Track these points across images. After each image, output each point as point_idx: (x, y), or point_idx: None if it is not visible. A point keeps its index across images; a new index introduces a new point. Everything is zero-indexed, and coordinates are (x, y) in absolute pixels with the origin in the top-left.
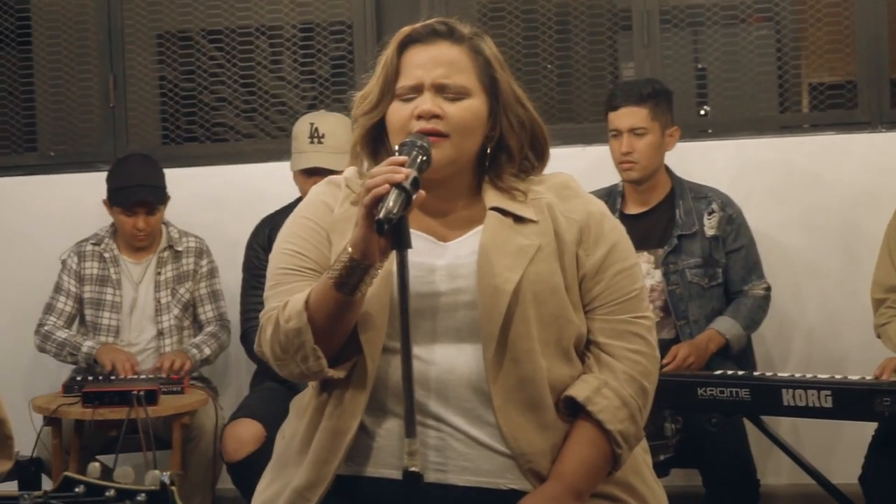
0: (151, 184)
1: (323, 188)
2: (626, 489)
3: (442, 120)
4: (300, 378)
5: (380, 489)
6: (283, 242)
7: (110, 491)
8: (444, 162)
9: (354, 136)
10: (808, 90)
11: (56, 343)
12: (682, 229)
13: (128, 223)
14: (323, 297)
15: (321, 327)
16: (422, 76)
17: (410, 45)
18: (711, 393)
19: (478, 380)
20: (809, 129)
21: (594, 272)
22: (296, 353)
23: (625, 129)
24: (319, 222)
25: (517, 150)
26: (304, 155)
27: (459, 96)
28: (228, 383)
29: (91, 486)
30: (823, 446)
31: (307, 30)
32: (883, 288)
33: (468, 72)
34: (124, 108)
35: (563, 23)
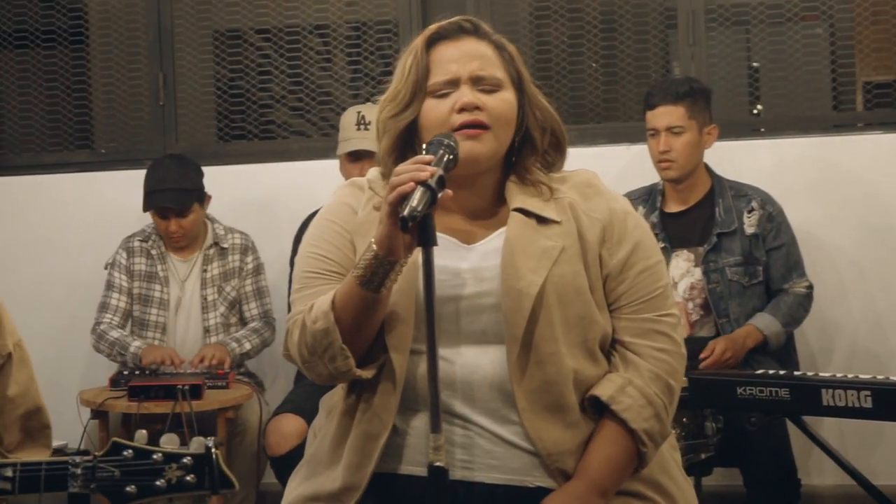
0: (179, 187)
1: (346, 190)
2: (654, 487)
3: (483, 111)
4: (328, 380)
5: (409, 486)
6: (307, 246)
7: (157, 455)
8: (487, 155)
9: (383, 142)
10: (867, 88)
11: (108, 342)
12: (721, 227)
13: (161, 225)
14: (349, 295)
15: (348, 326)
16: (457, 70)
17: (438, 43)
18: (751, 392)
19: (502, 381)
20: (863, 128)
21: (618, 272)
22: (324, 354)
23: (662, 128)
24: (343, 225)
25: (539, 144)
26: (350, 141)
27: (494, 88)
28: (276, 379)
29: (139, 450)
30: (866, 447)
31: (355, 28)
32: None
33: (498, 65)
34: (174, 106)
35: (608, 21)
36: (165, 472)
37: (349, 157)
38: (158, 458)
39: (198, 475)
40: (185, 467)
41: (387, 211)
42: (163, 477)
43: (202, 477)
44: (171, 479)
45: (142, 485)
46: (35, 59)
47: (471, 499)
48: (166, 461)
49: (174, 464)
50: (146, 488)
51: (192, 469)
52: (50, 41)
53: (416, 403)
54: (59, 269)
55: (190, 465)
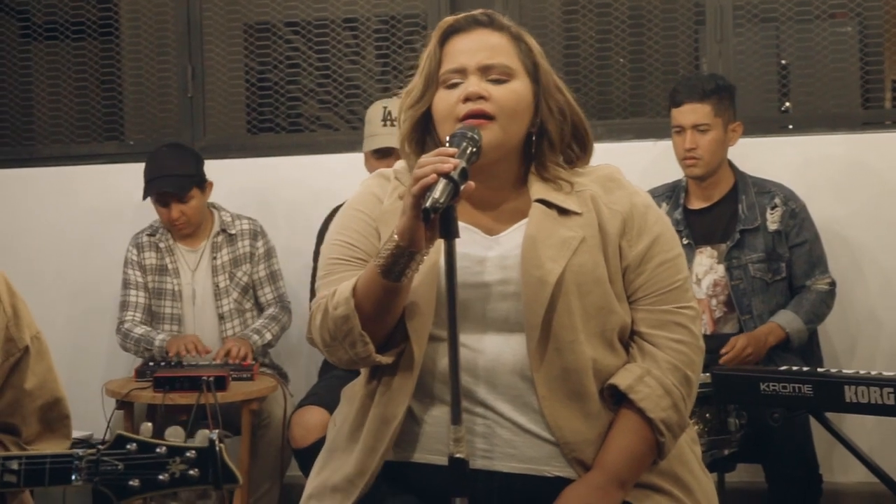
0: (174, 173)
1: (373, 181)
2: (672, 479)
3: (488, 101)
4: (349, 364)
5: (427, 475)
6: (334, 234)
7: (161, 448)
8: (492, 145)
9: (402, 130)
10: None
11: (134, 340)
12: (744, 224)
13: (163, 213)
14: (370, 283)
15: (368, 313)
16: (465, 60)
17: (452, 36)
18: (774, 388)
19: (524, 368)
20: (891, 126)
21: (637, 263)
22: (344, 339)
23: (688, 126)
24: (369, 213)
25: (557, 138)
26: (376, 137)
27: (504, 78)
28: (296, 369)
29: (143, 443)
30: (890, 444)
31: (384, 21)
32: None
33: (511, 55)
34: (202, 99)
35: (636, 17)
36: (169, 465)
37: (374, 154)
38: (162, 452)
39: (201, 469)
40: (188, 461)
41: (409, 203)
42: (166, 471)
43: (206, 471)
44: (175, 473)
45: (145, 479)
46: (65, 50)
47: (490, 488)
48: (170, 455)
49: (178, 457)
50: (149, 482)
51: (195, 463)
52: (80, 33)
53: (435, 391)
54: (85, 261)
55: (193, 458)
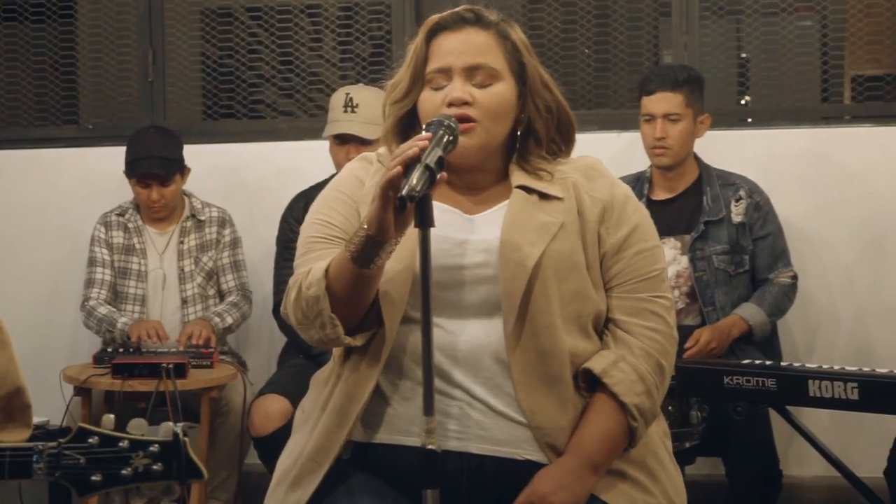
0: (162, 156)
1: (356, 164)
2: (640, 467)
3: (472, 106)
4: (320, 343)
5: (395, 457)
6: (314, 213)
7: (124, 442)
8: (475, 148)
9: (386, 124)
10: (855, 81)
11: (96, 319)
12: (709, 216)
13: (143, 194)
14: (341, 268)
15: (339, 296)
16: (451, 61)
17: (439, 33)
18: (737, 382)
19: (500, 351)
20: (850, 121)
21: (615, 251)
22: (315, 320)
23: (659, 115)
24: (350, 194)
25: (544, 135)
26: (337, 123)
27: (489, 81)
28: (255, 358)
29: (105, 436)
30: (846, 439)
31: (346, 9)
32: None
33: (497, 55)
34: (163, 83)
35: (601, 8)
36: (132, 460)
37: (336, 140)
38: (125, 446)
39: (165, 464)
40: (151, 455)
41: (378, 193)
42: (129, 465)
43: (169, 465)
44: (138, 468)
45: (107, 473)
46: (23, 32)
47: (460, 469)
48: (133, 449)
49: (141, 451)
50: (111, 477)
51: (159, 457)
52: (38, 14)
53: (406, 371)
54: (44, 244)
55: (157, 452)
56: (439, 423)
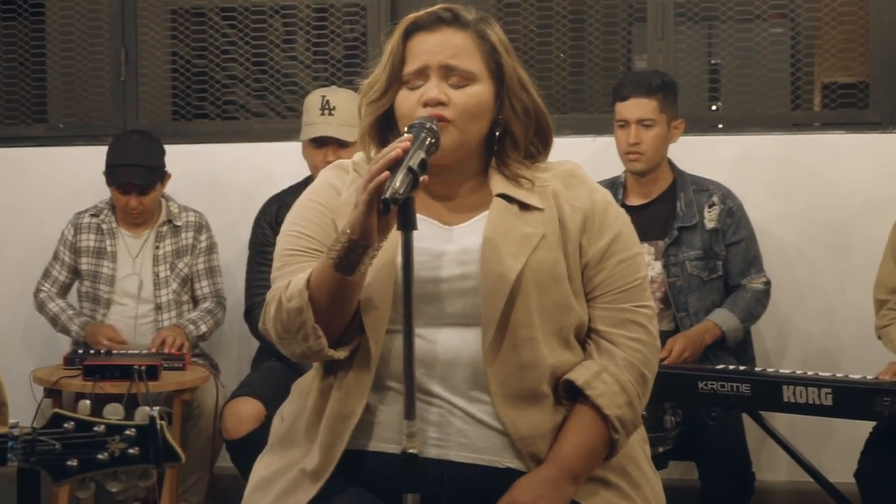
0: (145, 164)
1: (331, 172)
2: (621, 474)
3: (447, 107)
4: (302, 358)
5: (380, 464)
6: (290, 224)
7: (99, 426)
8: (450, 147)
9: (363, 124)
10: (821, 89)
11: (49, 315)
12: (682, 221)
13: (121, 201)
14: (323, 277)
15: (322, 306)
16: (427, 60)
17: (415, 33)
18: (712, 387)
19: (479, 363)
20: (820, 128)
21: (597, 261)
22: (297, 332)
23: (633, 120)
24: (325, 204)
25: (522, 136)
26: (314, 126)
27: (465, 82)
28: (228, 361)
29: (80, 422)
30: (816, 444)
31: (321, 10)
32: (886, 289)
33: (473, 56)
34: (135, 83)
35: (577, 12)
36: (108, 444)
37: (312, 143)
38: (100, 430)
39: (142, 447)
40: (128, 439)
41: (363, 197)
42: (105, 450)
43: (146, 449)
44: (114, 452)
45: (83, 458)
46: None
47: (441, 477)
48: (109, 433)
49: (117, 436)
50: (88, 462)
51: (135, 441)
52: (9, 13)
53: (389, 381)
54: (14, 244)
55: (133, 437)
56: (419, 431)
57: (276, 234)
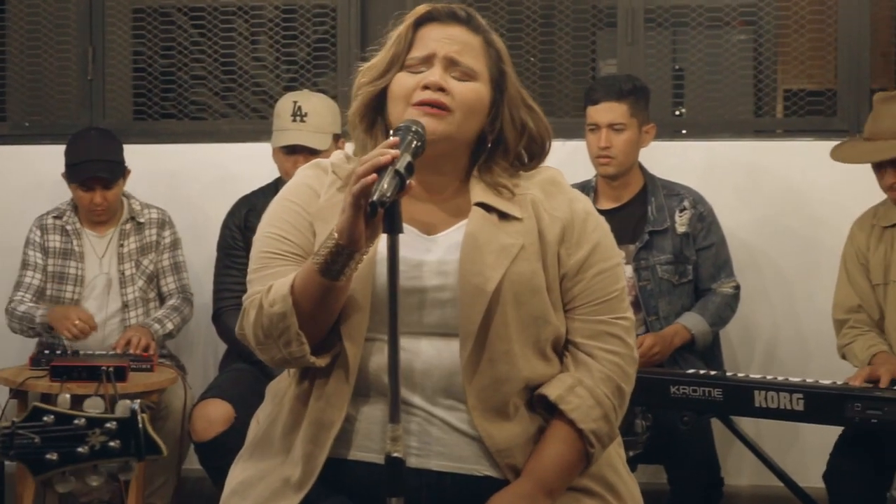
0: (106, 158)
1: (309, 171)
2: (601, 482)
3: (447, 94)
4: (281, 364)
5: (360, 473)
6: (267, 226)
7: (80, 420)
8: (442, 136)
9: (354, 105)
10: (788, 96)
11: (17, 318)
12: (653, 226)
13: (85, 198)
14: (308, 282)
15: (306, 312)
16: (436, 48)
17: (427, 23)
18: (684, 391)
19: (456, 373)
20: (787, 135)
21: (575, 272)
22: (279, 338)
23: (604, 124)
24: (305, 207)
25: (513, 146)
26: (285, 132)
27: (466, 78)
28: (194, 362)
29: (60, 415)
30: (782, 448)
31: (289, 10)
32: (843, 309)
33: (479, 58)
34: (102, 82)
35: (547, 17)
36: (88, 437)
37: (283, 150)
38: (81, 424)
39: (123, 441)
40: (108, 432)
41: (350, 201)
42: (85, 443)
43: (127, 442)
44: (95, 445)
45: (63, 451)
46: None
47: (420, 486)
48: (89, 426)
49: (97, 429)
50: (68, 455)
51: (116, 434)
52: None
53: (368, 390)
54: None
55: (114, 430)
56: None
57: (244, 237)
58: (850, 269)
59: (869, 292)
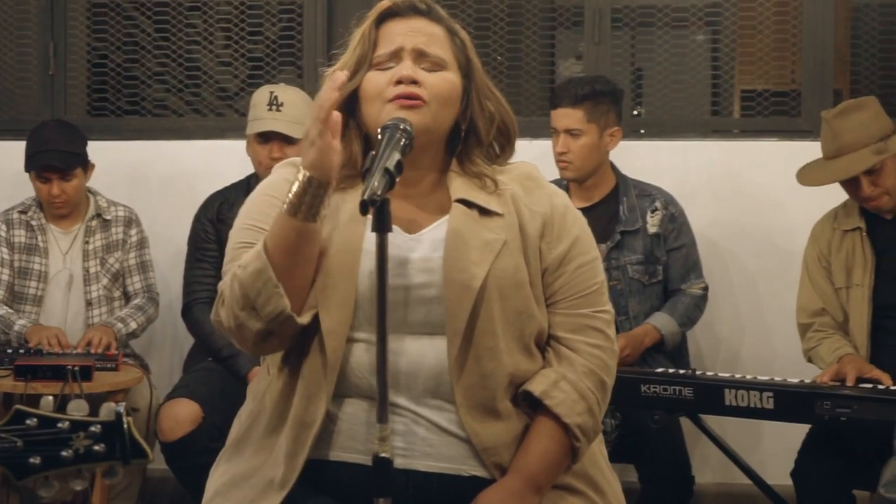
0: (63, 149)
1: (286, 169)
2: (585, 480)
3: (421, 86)
4: (262, 339)
5: (342, 474)
6: (245, 217)
7: (63, 423)
8: (420, 128)
9: None
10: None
11: None
12: (625, 226)
13: (43, 190)
14: (280, 230)
15: (281, 265)
16: (402, 42)
17: (389, 19)
18: (655, 390)
19: (443, 372)
20: (739, 135)
21: (556, 266)
22: (257, 297)
23: (561, 129)
24: (281, 198)
25: (485, 134)
26: (260, 121)
27: (437, 68)
28: (159, 362)
29: (43, 418)
30: (746, 447)
31: (255, 7)
32: (807, 313)
33: (445, 47)
34: (64, 77)
35: (514, 15)
36: (72, 441)
37: (258, 138)
38: (65, 427)
39: (107, 444)
40: (93, 436)
41: (316, 132)
42: (69, 447)
43: (112, 446)
44: (79, 449)
45: (47, 455)
46: None
47: (406, 487)
48: (73, 430)
49: (82, 432)
50: (51, 459)
51: (101, 438)
52: None
53: (349, 390)
54: None
55: (99, 433)
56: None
57: (217, 230)
58: (812, 273)
59: (832, 295)
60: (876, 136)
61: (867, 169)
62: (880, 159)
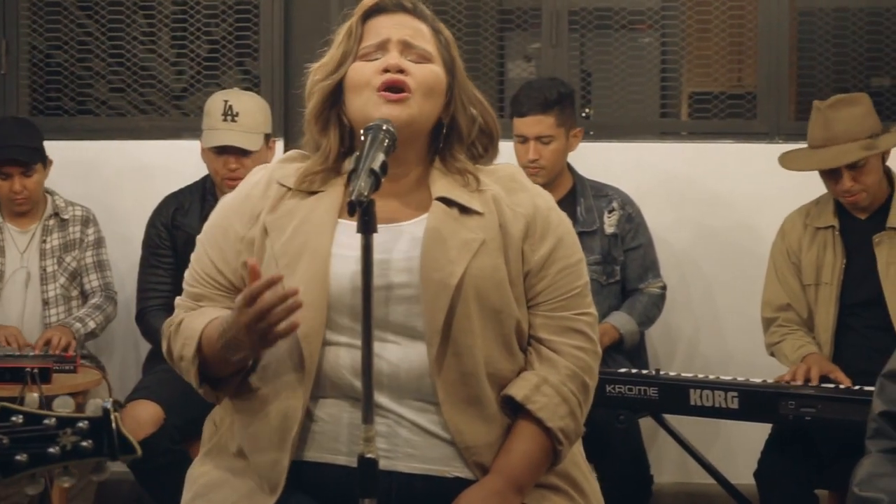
0: (23, 144)
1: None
2: (567, 480)
3: (408, 76)
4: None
5: (322, 475)
6: (209, 244)
7: (50, 419)
8: (407, 121)
9: (311, 103)
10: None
11: None
12: (582, 226)
13: (4, 186)
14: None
15: (211, 362)
16: (389, 34)
17: (374, 15)
18: (619, 390)
19: (423, 372)
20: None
21: (539, 268)
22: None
23: (532, 137)
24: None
25: (466, 133)
26: (216, 132)
27: (423, 60)
28: (115, 363)
29: (29, 415)
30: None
31: (210, 7)
32: (772, 307)
33: (430, 42)
34: (16, 76)
35: (472, 17)
36: (59, 438)
37: (213, 150)
38: (51, 423)
39: (95, 440)
40: (80, 432)
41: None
42: (56, 443)
43: (100, 442)
44: (66, 446)
45: (33, 452)
46: None
47: (389, 488)
48: (60, 426)
49: (69, 429)
50: (38, 456)
51: (88, 434)
52: None
53: (328, 391)
54: None
55: (86, 429)
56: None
57: (171, 236)
58: (779, 268)
59: (799, 291)
60: (867, 131)
61: (853, 162)
62: (867, 155)
